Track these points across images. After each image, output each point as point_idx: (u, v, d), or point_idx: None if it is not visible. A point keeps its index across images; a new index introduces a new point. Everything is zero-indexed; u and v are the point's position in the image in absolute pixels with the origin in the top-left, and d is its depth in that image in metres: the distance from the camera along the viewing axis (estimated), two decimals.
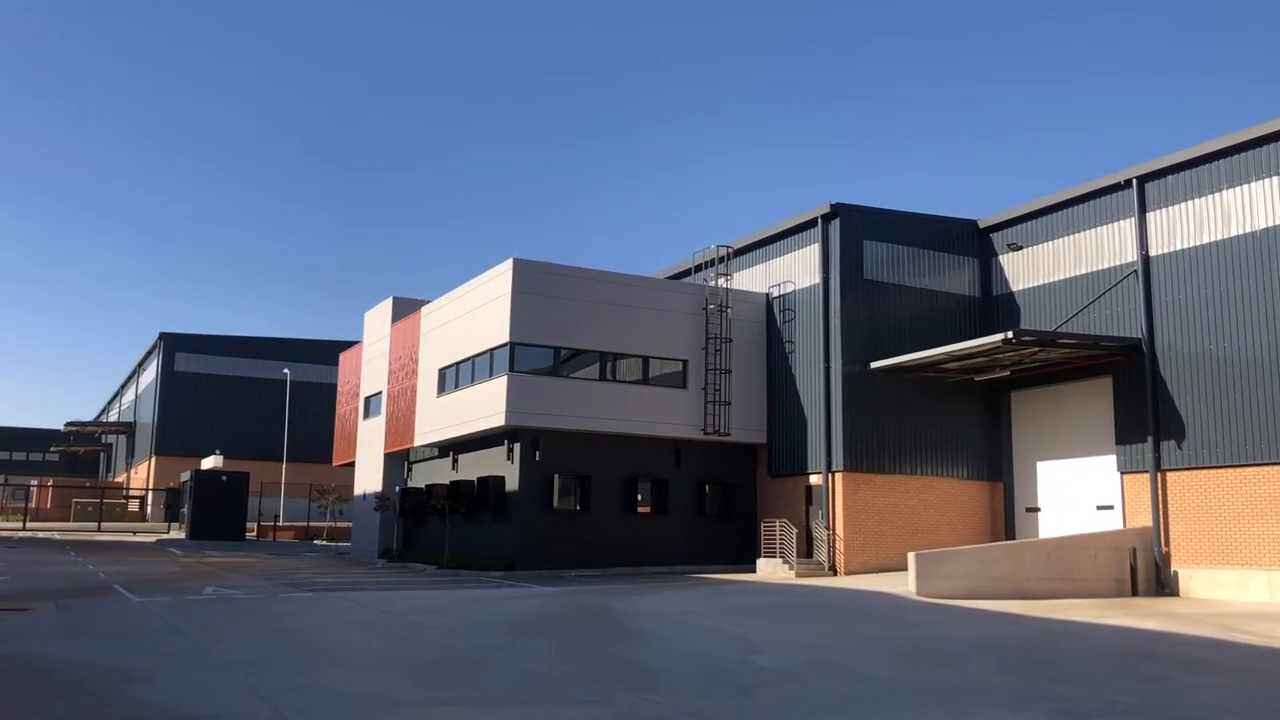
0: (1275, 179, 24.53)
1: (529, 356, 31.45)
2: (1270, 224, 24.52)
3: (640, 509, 33.15)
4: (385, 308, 43.52)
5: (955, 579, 24.22)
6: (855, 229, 31.55)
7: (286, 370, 69.28)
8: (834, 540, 29.84)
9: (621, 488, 32.81)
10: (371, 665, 14.33)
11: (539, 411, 31.15)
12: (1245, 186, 25.17)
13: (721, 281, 34.05)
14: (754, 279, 35.03)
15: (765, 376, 34.02)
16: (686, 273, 37.29)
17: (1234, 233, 25.34)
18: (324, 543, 55.58)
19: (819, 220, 31.88)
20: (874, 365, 30.42)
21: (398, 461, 41.50)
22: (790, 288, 33.33)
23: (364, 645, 16.45)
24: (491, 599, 23.53)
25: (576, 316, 31.90)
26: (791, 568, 29.94)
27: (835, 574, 29.51)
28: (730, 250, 35.02)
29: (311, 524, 60.45)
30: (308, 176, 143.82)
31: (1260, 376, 24.35)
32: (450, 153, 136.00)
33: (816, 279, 31.87)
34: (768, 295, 34.38)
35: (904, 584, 24.41)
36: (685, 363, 33.28)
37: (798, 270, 33.07)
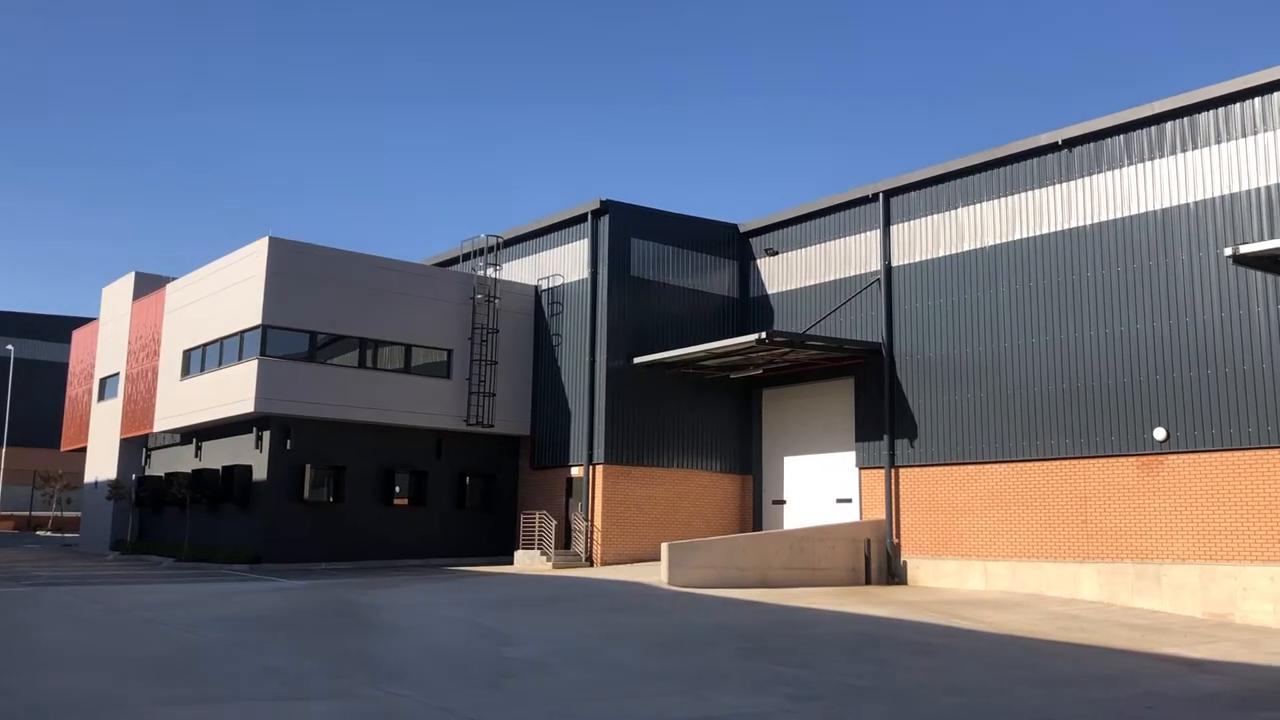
0: (1004, 200, 26.68)
1: (282, 341, 30.14)
2: (998, 241, 26.66)
3: (397, 501, 32.43)
4: (126, 283, 40.65)
5: (705, 569, 25.02)
6: (624, 226, 32.05)
7: (11, 346, 63.61)
8: (592, 532, 30.23)
9: (378, 479, 32.01)
10: (97, 664, 13.33)
11: (291, 399, 29.91)
12: (978, 205, 27.27)
13: (490, 272, 33.79)
14: (523, 271, 34.97)
15: (531, 369, 34.04)
16: (455, 261, 36.79)
17: (966, 248, 27.39)
18: (48, 534, 51.61)
19: (589, 216, 32.17)
20: (637, 361, 31.00)
21: (135, 448, 38.86)
22: (559, 281, 33.48)
23: (90, 643, 15.30)
24: (233, 593, 22.40)
25: (336, 300, 30.85)
26: (549, 559, 30.10)
27: (592, 565, 29.89)
28: (500, 241, 34.81)
29: (34, 514, 55.83)
30: (47, 134, 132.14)
31: (982, 382, 26.45)
32: (214, 121, 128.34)
33: (585, 274, 32.16)
34: (536, 288, 34.41)
35: (657, 574, 24.99)
36: (450, 352, 32.82)
37: (567, 264, 33.26)
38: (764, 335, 27.36)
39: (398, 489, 32.42)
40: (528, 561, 30.74)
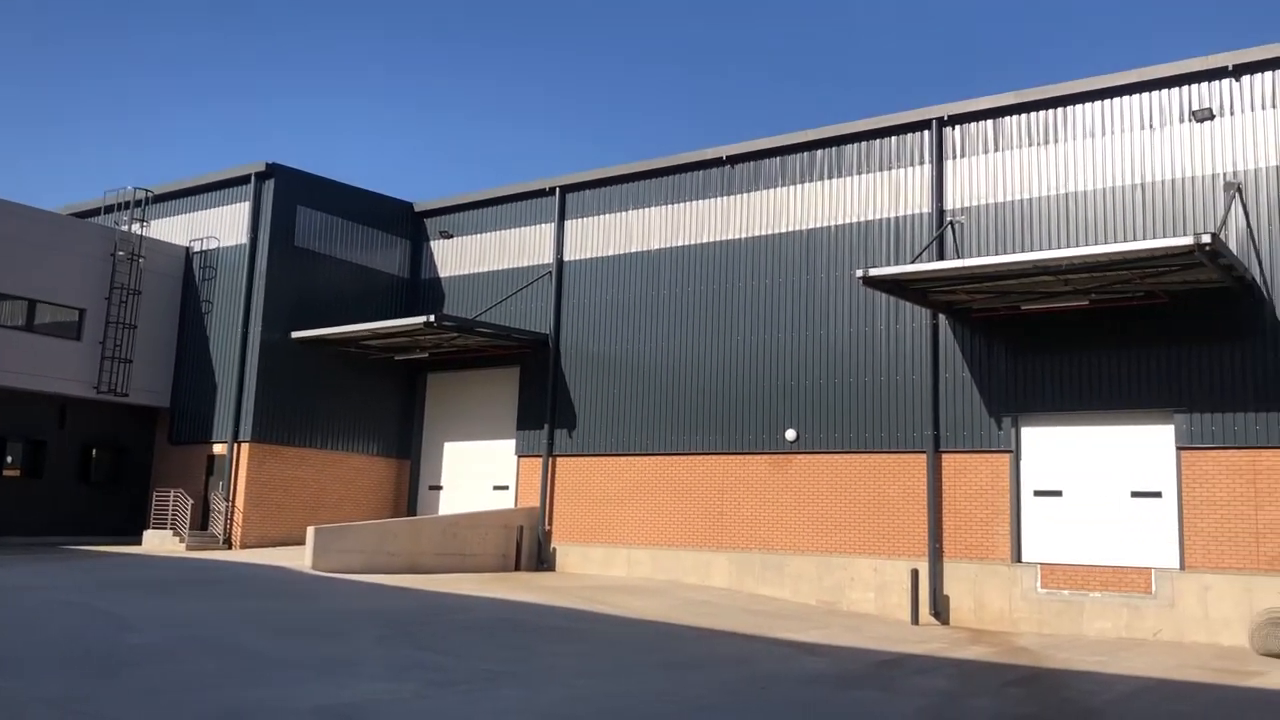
0: (670, 207, 27.92)
1: None
2: (663, 246, 27.88)
3: (8, 472, 29.15)
4: None
5: (353, 553, 24.39)
6: (290, 193, 30.53)
7: None
8: (232, 512, 28.58)
9: None
10: None
11: None
12: (647, 210, 28.38)
13: (136, 228, 31.05)
14: (175, 230, 32.43)
15: (176, 336, 31.63)
16: (96, 212, 33.47)
17: (634, 249, 28.44)
18: None
19: (253, 178, 30.37)
20: (296, 335, 29.64)
21: None
22: (215, 245, 31.36)
23: None
24: None
25: None
26: (182, 540, 28.14)
27: (230, 547, 28.27)
28: (150, 195, 32.05)
29: None
30: None
31: (639, 378, 27.58)
32: None
33: (244, 239, 30.33)
34: (188, 249, 32.05)
35: (302, 558, 24.05)
36: (82, 312, 29.81)
37: (225, 227, 31.23)
38: (432, 318, 27.03)
39: (9, 459, 29.13)
40: (158, 542, 28.59)
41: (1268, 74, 20.55)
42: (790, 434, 24.74)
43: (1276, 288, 19.81)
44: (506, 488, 29.91)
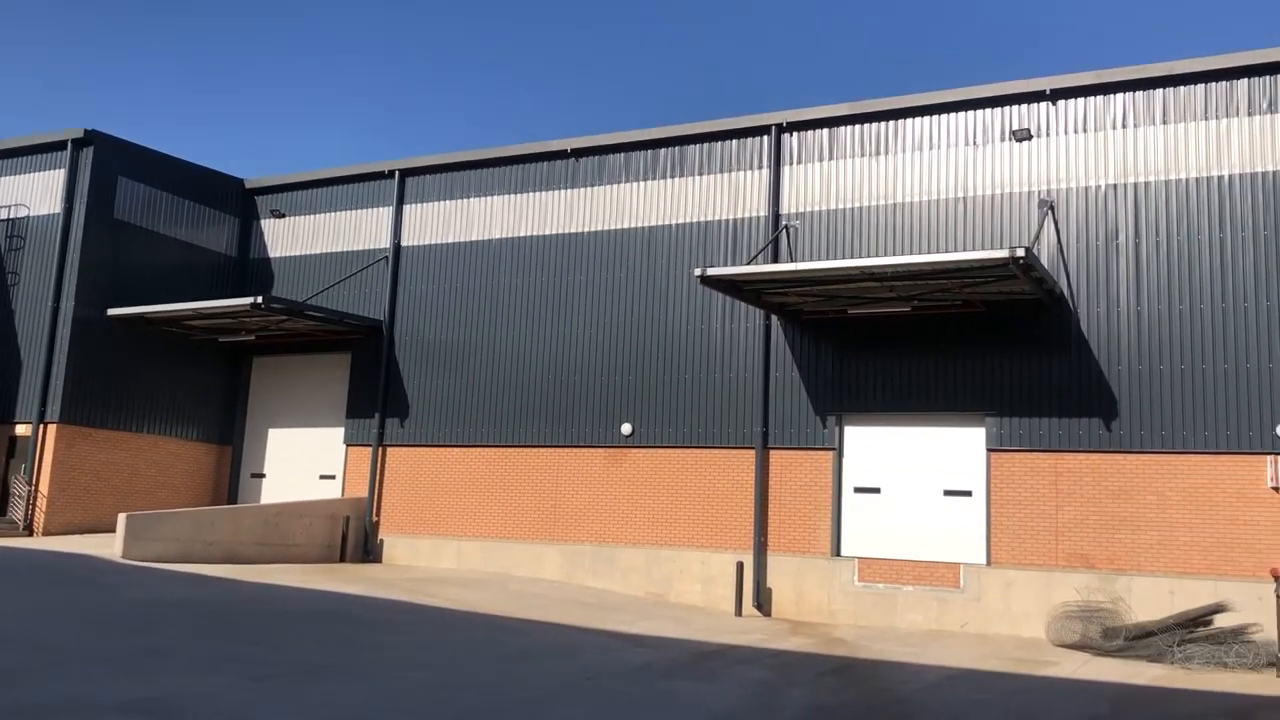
0: (514, 197, 27.73)
1: None
2: (505, 235, 27.68)
3: None
4: None
5: (168, 542, 23.35)
6: (110, 162, 28.90)
7: None
8: (35, 497, 26.89)
9: None
10: None
11: None
12: (489, 198, 28.13)
13: None
14: None
15: None
16: None
17: (475, 238, 28.13)
18: None
19: (69, 144, 28.60)
20: (112, 313, 28.05)
21: None
22: (24, 213, 29.40)
23: None
24: None
25: None
26: None
27: (33, 534, 26.60)
28: None
29: None
30: None
31: (476, 369, 27.31)
32: None
33: (58, 208, 28.54)
34: None
35: (111, 546, 22.85)
36: None
37: (36, 195, 29.31)
38: (260, 300, 26.03)
39: None
40: None
41: (1081, 99, 21.93)
42: (626, 428, 24.97)
43: (1082, 301, 21.17)
44: (334, 477, 29.14)
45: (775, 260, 23.78)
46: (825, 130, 24.27)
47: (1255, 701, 14.19)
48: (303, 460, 30.00)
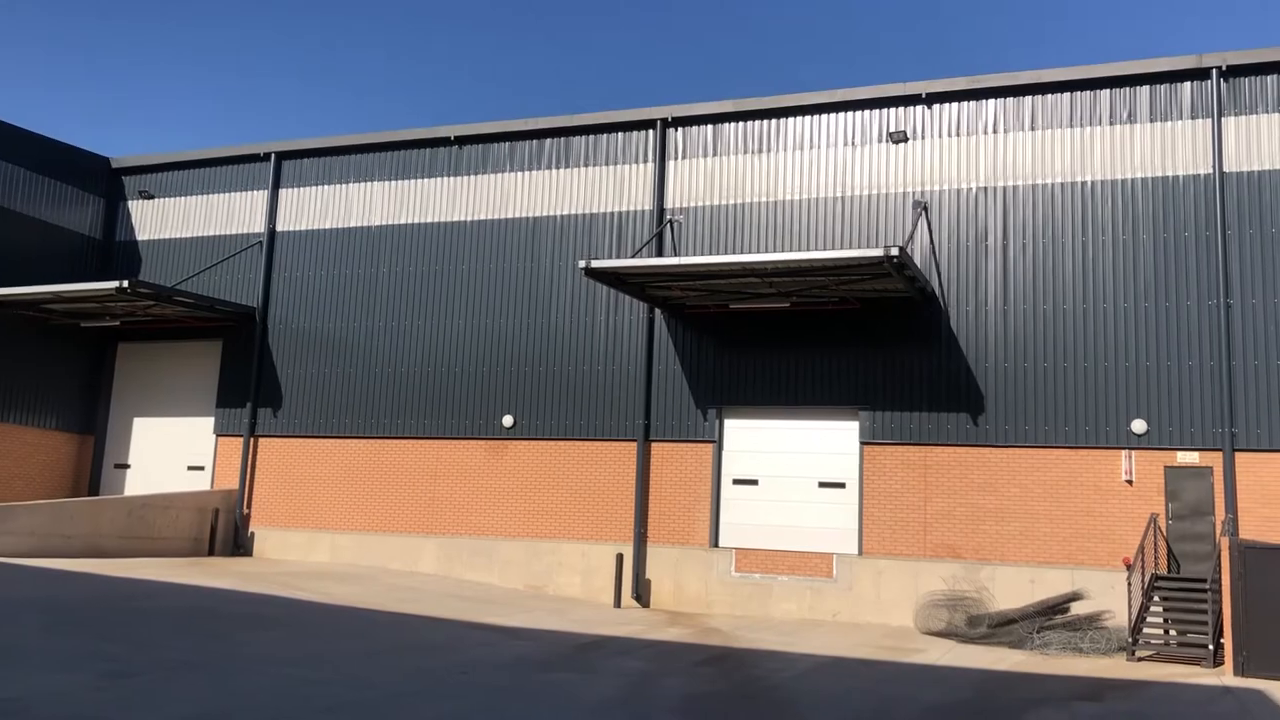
0: (394, 184, 27.22)
1: None
2: (385, 223, 27.14)
3: None
4: None
5: (22, 535, 22.29)
6: None
7: None
8: None
9: None
10: None
11: None
12: (369, 184, 27.54)
13: None
14: None
15: None
16: None
17: (354, 224, 27.52)
18: None
19: None
20: None
21: None
22: None
23: None
24: None
25: None
26: None
27: None
28: None
29: None
30: None
31: (353, 358, 26.73)
32: None
33: None
34: None
35: None
36: None
37: None
38: (126, 284, 24.97)
39: None
40: None
41: (955, 104, 22.62)
42: (508, 420, 24.78)
43: (952, 300, 21.85)
44: (203, 468, 28.17)
45: (660, 254, 23.92)
46: (710, 126, 24.49)
47: (1107, 684, 14.90)
48: (170, 451, 28.90)
